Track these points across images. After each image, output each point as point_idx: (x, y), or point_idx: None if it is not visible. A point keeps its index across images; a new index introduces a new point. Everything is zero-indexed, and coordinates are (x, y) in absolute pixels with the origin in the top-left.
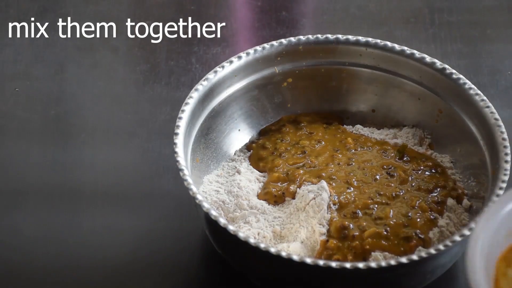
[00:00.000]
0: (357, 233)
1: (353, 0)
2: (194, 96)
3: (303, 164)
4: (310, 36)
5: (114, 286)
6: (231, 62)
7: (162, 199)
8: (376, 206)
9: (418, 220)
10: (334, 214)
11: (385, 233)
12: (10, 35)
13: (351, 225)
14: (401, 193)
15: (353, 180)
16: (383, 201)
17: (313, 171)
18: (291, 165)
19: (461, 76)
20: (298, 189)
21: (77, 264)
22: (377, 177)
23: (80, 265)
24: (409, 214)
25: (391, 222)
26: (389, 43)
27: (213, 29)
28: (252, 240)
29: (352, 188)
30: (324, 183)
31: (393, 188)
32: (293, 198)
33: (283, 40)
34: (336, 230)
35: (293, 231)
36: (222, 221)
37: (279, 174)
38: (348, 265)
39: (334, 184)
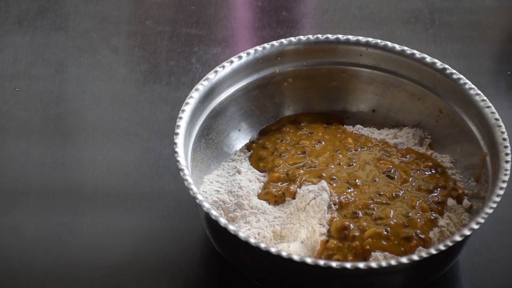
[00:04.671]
0: (357, 233)
1: (353, 0)
2: (194, 96)
3: (303, 164)
4: (310, 36)
5: (114, 286)
6: (231, 62)
7: (162, 199)
8: (377, 206)
9: (419, 220)
10: (334, 214)
11: (385, 233)
12: (10, 35)
13: (351, 225)
14: (401, 193)
15: (354, 180)
16: (384, 201)
17: (313, 171)
18: (291, 165)
19: (461, 76)
20: (298, 189)
21: (77, 264)
22: (377, 177)
23: (80, 265)
24: (410, 214)
25: (392, 222)
26: (389, 43)
27: (213, 29)
28: (252, 240)
29: (352, 188)
30: (324, 183)
31: (393, 188)
32: (294, 198)
33: (284, 40)
34: (336, 230)
35: (293, 231)
36: (223, 221)
37: (279, 174)
38: (348, 265)
39: (334, 184)
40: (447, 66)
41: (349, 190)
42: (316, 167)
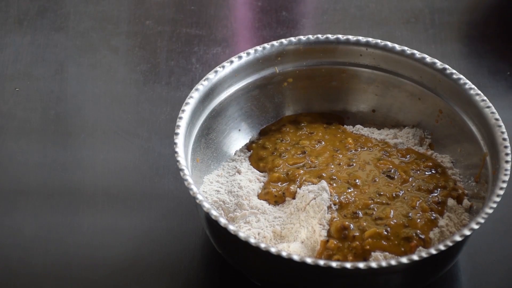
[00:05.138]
0: (357, 234)
1: (353, 0)
2: (194, 96)
3: (303, 164)
4: (310, 36)
5: (114, 286)
6: (231, 62)
7: (162, 199)
8: (377, 206)
9: (419, 220)
10: (334, 214)
11: (385, 233)
12: (10, 35)
13: (351, 225)
14: (402, 194)
15: (354, 180)
16: (384, 201)
17: (313, 171)
18: (291, 165)
19: (461, 76)
20: (298, 189)
21: (77, 264)
22: (377, 177)
23: (80, 265)
24: (410, 214)
25: (392, 222)
26: (389, 43)
27: (213, 29)
28: (252, 240)
29: (352, 188)
30: (324, 183)
31: (393, 189)
32: (294, 198)
33: (284, 40)
34: (336, 230)
35: (293, 231)
36: (223, 221)
37: (279, 174)
38: (348, 265)
39: (334, 184)
40: (447, 66)
41: (349, 190)
42: (316, 167)
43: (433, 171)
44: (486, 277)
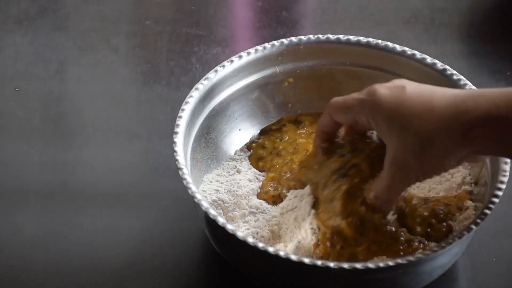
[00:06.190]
0: None
1: (353, 0)
2: (194, 96)
3: None
4: (311, 36)
5: (113, 286)
6: (231, 61)
7: (162, 199)
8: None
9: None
10: None
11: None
12: (10, 35)
13: None
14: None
15: None
16: None
17: None
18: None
19: (461, 77)
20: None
21: (77, 264)
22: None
23: (80, 264)
24: None
25: None
26: (390, 44)
27: (213, 29)
28: (250, 240)
29: None
30: None
31: None
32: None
33: (284, 40)
34: (324, 237)
35: (290, 231)
36: (221, 220)
37: (274, 174)
38: (346, 265)
39: None
40: (447, 67)
41: None
42: None
43: None
44: (486, 277)
